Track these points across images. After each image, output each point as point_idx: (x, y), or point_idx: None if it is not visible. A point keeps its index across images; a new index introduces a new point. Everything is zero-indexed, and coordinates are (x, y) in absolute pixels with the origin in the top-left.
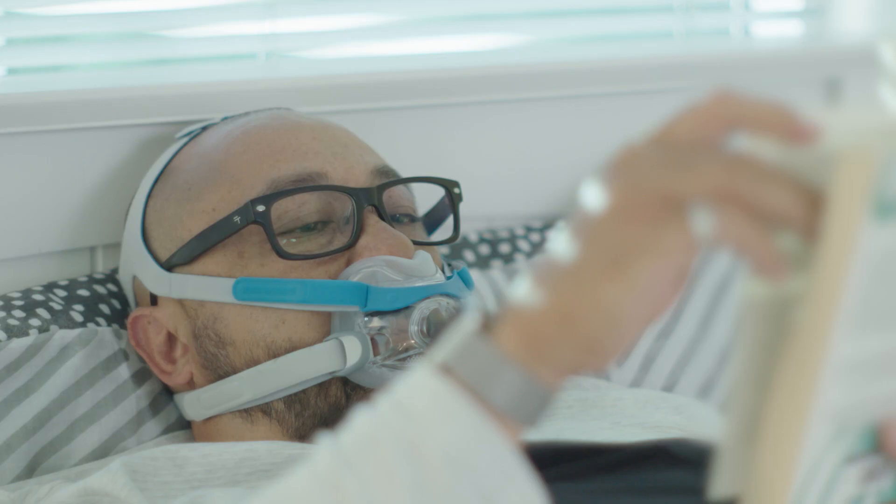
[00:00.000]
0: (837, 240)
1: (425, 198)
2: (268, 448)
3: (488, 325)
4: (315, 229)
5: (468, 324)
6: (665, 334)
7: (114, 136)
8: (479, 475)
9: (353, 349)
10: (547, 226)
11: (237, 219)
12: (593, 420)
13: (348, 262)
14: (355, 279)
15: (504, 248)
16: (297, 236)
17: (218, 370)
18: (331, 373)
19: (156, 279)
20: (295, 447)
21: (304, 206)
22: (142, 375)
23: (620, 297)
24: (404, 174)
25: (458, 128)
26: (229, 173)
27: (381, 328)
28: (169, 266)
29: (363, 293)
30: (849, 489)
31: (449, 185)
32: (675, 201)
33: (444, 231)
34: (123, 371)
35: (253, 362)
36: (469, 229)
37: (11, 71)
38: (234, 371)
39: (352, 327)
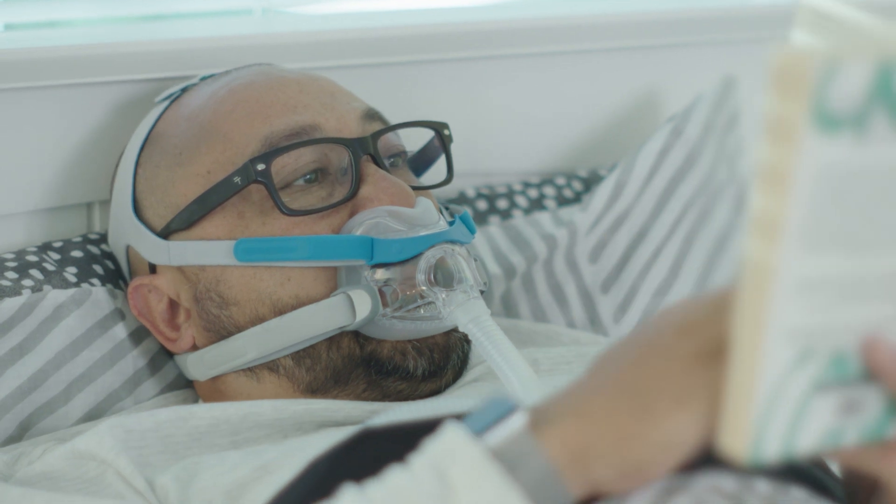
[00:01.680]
0: (778, 149)
1: (410, 145)
2: (272, 405)
3: (537, 421)
4: (315, 181)
5: (518, 419)
6: (663, 291)
7: (110, 91)
8: None
9: (363, 302)
10: (545, 181)
11: (237, 179)
12: None
13: (351, 214)
14: (359, 232)
15: (502, 203)
16: (297, 190)
17: (221, 331)
18: (340, 328)
19: (153, 248)
20: (300, 403)
21: (301, 159)
22: (139, 335)
23: (682, 428)
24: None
25: (454, 83)
26: (220, 133)
27: (387, 279)
28: (165, 234)
29: (368, 246)
30: (824, 420)
31: (439, 127)
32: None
33: (434, 175)
34: (120, 331)
35: (258, 320)
36: (466, 185)
37: (8, 27)
38: (238, 330)
39: (358, 280)
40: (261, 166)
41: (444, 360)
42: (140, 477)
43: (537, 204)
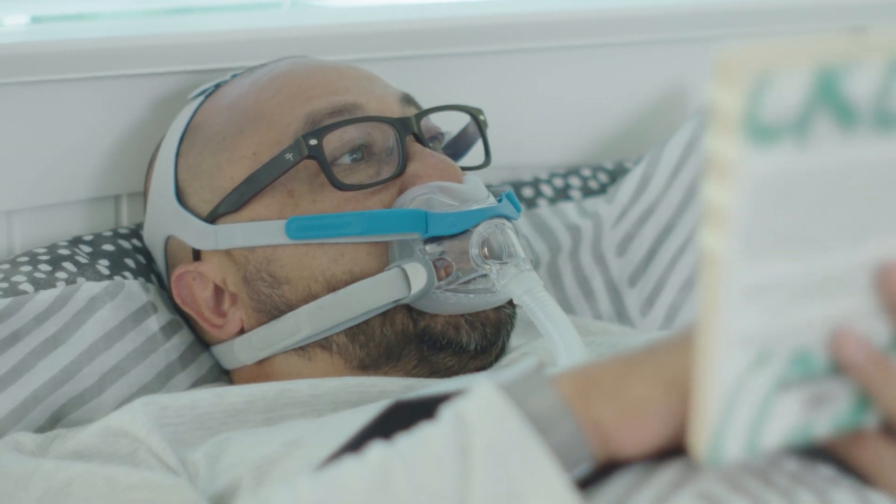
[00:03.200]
0: (715, 159)
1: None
2: (308, 382)
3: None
4: (362, 160)
5: (531, 362)
6: (690, 285)
7: (138, 84)
8: (512, 471)
9: (418, 276)
10: (570, 172)
11: (289, 156)
12: None
13: (399, 191)
14: (411, 207)
15: (527, 192)
16: (344, 169)
17: (273, 311)
18: (395, 301)
19: (198, 234)
20: (333, 381)
21: (345, 135)
22: (171, 328)
23: (682, 366)
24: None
25: (480, 77)
26: (264, 117)
27: (441, 253)
28: (212, 218)
29: (423, 220)
30: (791, 416)
31: (474, 113)
32: None
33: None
34: (152, 324)
35: (311, 297)
36: (492, 178)
37: (35, 19)
38: (291, 308)
39: (411, 254)
40: (313, 141)
41: (495, 335)
42: (172, 454)
43: (562, 194)
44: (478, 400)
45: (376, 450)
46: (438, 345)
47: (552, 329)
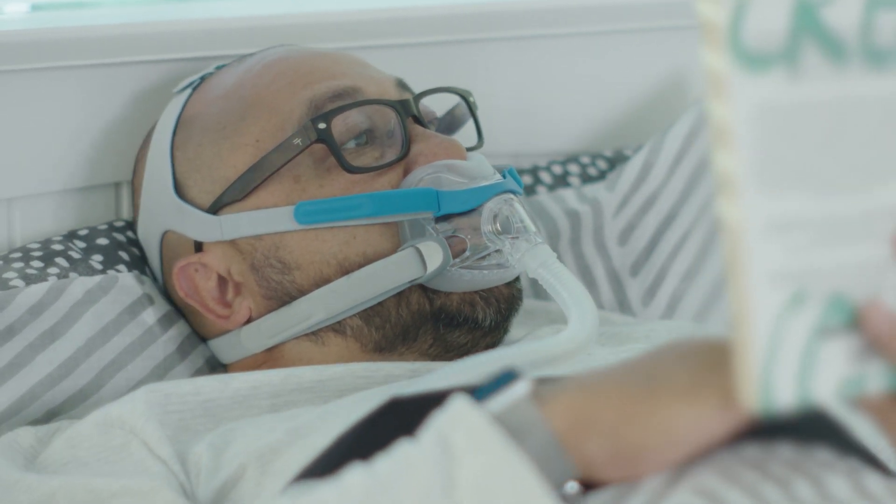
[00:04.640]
0: (717, 100)
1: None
2: (313, 368)
3: (544, 393)
4: (366, 143)
5: (521, 386)
6: (691, 275)
7: (138, 71)
8: (499, 500)
9: (433, 254)
10: (569, 159)
11: (297, 141)
12: (627, 352)
13: (405, 173)
14: (419, 186)
15: (526, 179)
16: (349, 153)
17: (284, 297)
18: (411, 281)
19: (201, 226)
20: (338, 367)
21: (349, 120)
22: (168, 320)
23: (683, 420)
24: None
25: (479, 64)
26: (264, 104)
27: (453, 231)
28: (215, 209)
29: (434, 198)
30: (838, 367)
31: (464, 94)
32: None
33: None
34: (149, 316)
35: (323, 281)
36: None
37: (35, 7)
38: (302, 293)
39: (423, 233)
40: (322, 125)
41: (509, 310)
42: (167, 445)
43: (561, 181)
44: (463, 426)
45: (357, 476)
46: (455, 322)
47: (570, 300)
